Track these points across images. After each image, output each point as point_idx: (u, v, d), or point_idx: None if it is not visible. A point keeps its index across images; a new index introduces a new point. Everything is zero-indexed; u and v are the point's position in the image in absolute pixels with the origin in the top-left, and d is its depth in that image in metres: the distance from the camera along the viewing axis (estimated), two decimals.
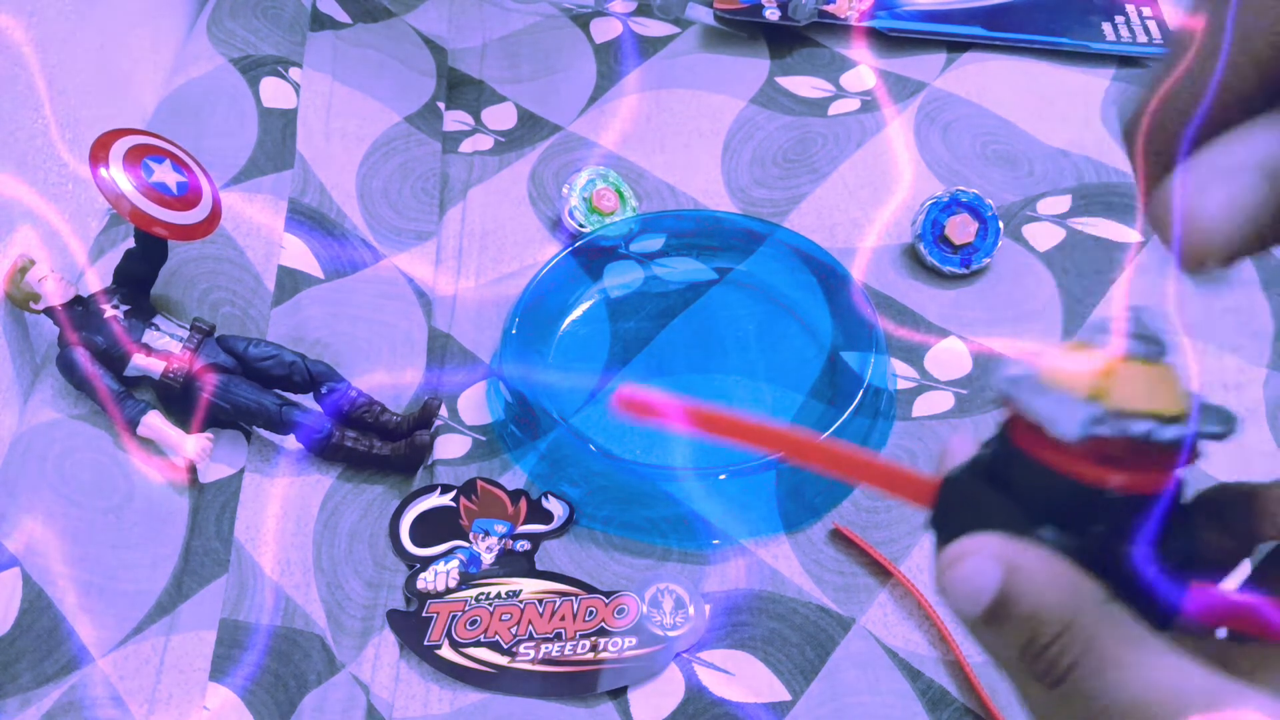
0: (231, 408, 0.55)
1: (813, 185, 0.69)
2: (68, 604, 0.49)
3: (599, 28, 0.81)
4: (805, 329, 0.62)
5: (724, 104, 0.74)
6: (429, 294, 0.64)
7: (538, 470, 0.57)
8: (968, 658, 0.50)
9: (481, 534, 0.55)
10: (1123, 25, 0.78)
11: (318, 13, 0.76)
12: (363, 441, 0.56)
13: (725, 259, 0.65)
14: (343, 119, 0.71)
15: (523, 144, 0.73)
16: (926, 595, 0.52)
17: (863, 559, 0.53)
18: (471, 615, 0.52)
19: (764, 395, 0.59)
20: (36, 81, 0.56)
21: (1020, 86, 0.74)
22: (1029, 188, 0.68)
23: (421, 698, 0.50)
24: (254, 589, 0.52)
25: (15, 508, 0.50)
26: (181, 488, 0.54)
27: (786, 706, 0.49)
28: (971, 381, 0.60)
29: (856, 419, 0.56)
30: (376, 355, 0.60)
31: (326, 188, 0.67)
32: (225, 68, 0.68)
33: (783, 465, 0.54)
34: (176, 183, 0.54)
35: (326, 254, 0.64)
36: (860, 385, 0.56)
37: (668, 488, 0.55)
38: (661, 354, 0.61)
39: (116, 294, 0.56)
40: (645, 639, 0.51)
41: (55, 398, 0.54)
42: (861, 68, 0.76)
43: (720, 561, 0.54)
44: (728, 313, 0.63)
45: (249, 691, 0.48)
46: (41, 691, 0.47)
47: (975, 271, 0.64)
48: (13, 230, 0.55)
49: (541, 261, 0.63)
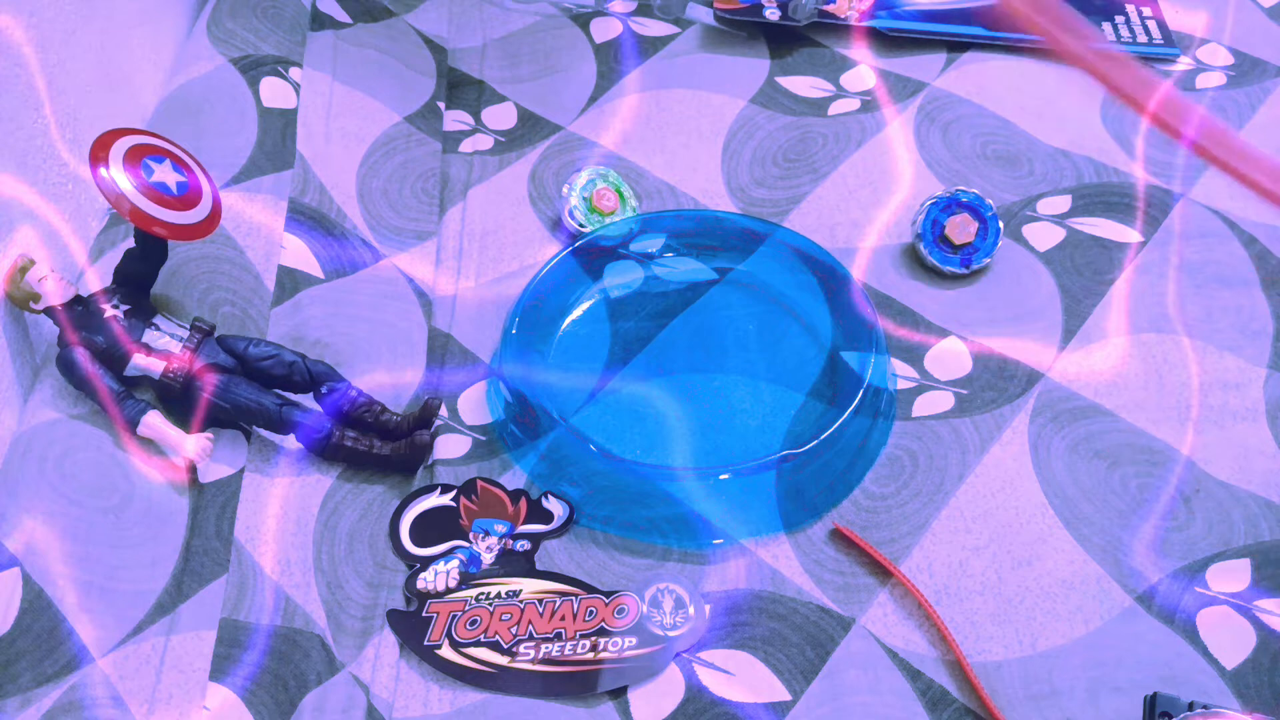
0: (231, 408, 0.55)
1: (813, 185, 0.69)
2: (68, 604, 0.49)
3: (599, 28, 0.81)
4: (805, 329, 0.62)
5: (724, 104, 0.74)
6: (429, 294, 0.64)
7: (537, 470, 0.57)
8: (968, 657, 0.50)
9: (481, 534, 0.55)
10: (1123, 25, 0.78)
11: (318, 12, 0.76)
12: (363, 441, 0.56)
13: (725, 259, 0.65)
14: (343, 119, 0.71)
15: (523, 144, 0.73)
16: (926, 595, 0.52)
17: (863, 559, 0.53)
18: (471, 615, 0.52)
19: (764, 395, 0.59)
20: (36, 81, 0.56)
21: (1020, 86, 0.74)
22: (1029, 188, 0.68)
23: (421, 698, 0.50)
24: (254, 589, 0.52)
25: (15, 508, 0.50)
26: (181, 488, 0.54)
27: (786, 706, 0.49)
28: (971, 381, 0.60)
29: (857, 419, 0.56)
30: (376, 355, 0.60)
31: (326, 188, 0.67)
32: (225, 68, 0.68)
33: (783, 465, 0.54)
34: (176, 183, 0.54)
35: (326, 254, 0.64)
36: (860, 385, 0.56)
37: (668, 488, 0.55)
38: (661, 354, 0.61)
39: (116, 294, 0.56)
40: (645, 639, 0.51)
41: (55, 398, 0.54)
42: (861, 68, 0.76)
43: (720, 561, 0.54)
44: (728, 313, 0.63)
45: (249, 691, 0.48)
46: (41, 691, 0.47)
47: (975, 271, 0.64)
48: (13, 230, 0.55)
49: (541, 261, 0.63)
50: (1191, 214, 0.66)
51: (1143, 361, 0.60)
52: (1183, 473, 0.55)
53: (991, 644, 0.50)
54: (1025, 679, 0.49)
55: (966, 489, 0.55)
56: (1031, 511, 0.54)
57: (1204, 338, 0.60)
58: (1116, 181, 0.68)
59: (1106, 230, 0.66)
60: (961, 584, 0.52)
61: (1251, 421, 0.57)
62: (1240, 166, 0.30)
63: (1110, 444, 0.57)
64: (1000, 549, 0.53)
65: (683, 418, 0.58)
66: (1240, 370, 0.59)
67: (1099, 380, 0.59)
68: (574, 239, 0.65)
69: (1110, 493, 0.55)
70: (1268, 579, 0.51)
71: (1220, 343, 0.60)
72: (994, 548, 0.53)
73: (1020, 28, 0.30)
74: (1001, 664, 0.50)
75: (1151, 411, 0.58)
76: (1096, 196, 0.67)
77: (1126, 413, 0.58)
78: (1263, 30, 0.78)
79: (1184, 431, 0.57)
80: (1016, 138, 0.71)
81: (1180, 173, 0.68)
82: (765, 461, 0.54)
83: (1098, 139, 0.70)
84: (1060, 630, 0.51)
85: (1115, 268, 0.64)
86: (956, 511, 0.55)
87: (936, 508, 0.55)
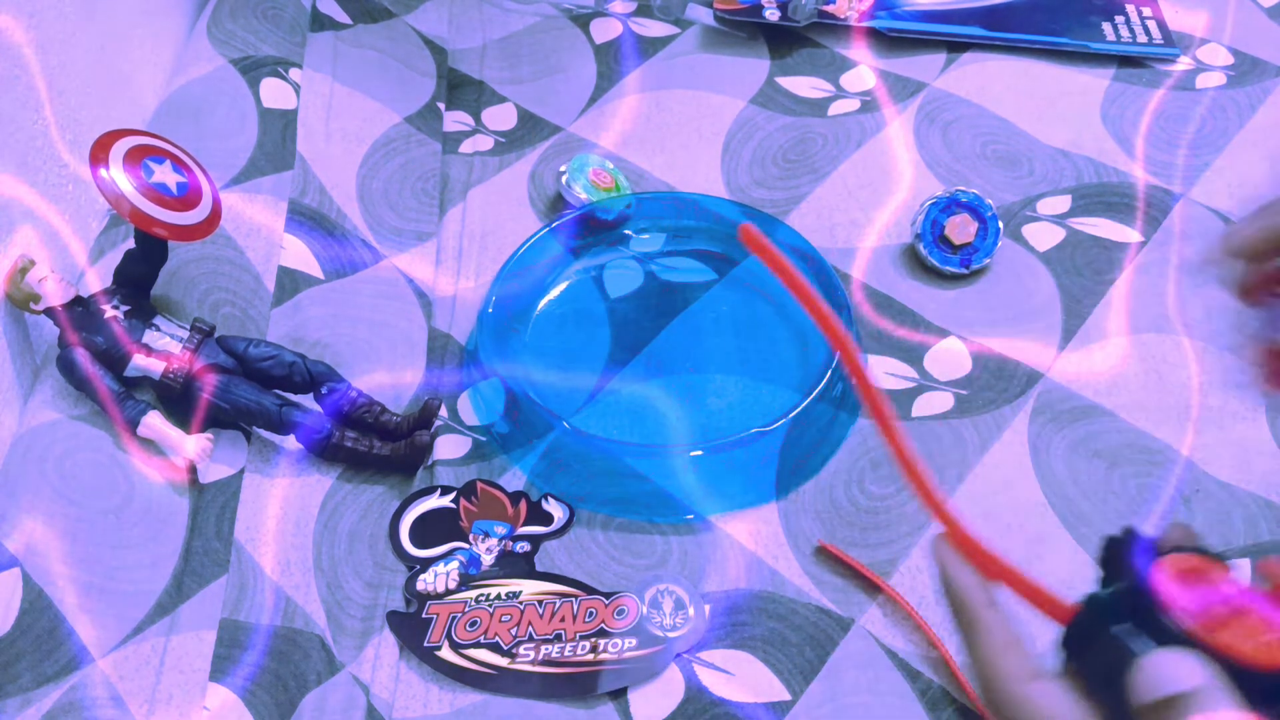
0: (231, 408, 0.55)
1: (813, 185, 0.69)
2: (68, 604, 0.49)
3: (599, 28, 0.81)
4: (805, 329, 0.62)
5: (724, 104, 0.74)
6: (429, 294, 0.64)
7: (500, 429, 0.58)
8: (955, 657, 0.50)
9: (481, 535, 0.55)
10: (1123, 25, 0.78)
11: (318, 13, 0.76)
12: (363, 442, 0.56)
13: (724, 261, 0.65)
14: (343, 119, 0.71)
15: (523, 144, 0.73)
16: (926, 596, 0.52)
17: (862, 558, 0.53)
18: (471, 616, 0.52)
19: (763, 395, 0.59)
20: (36, 82, 0.56)
21: (1020, 86, 0.74)
22: (1029, 188, 0.68)
23: (421, 698, 0.50)
24: (254, 589, 0.52)
25: (15, 508, 0.50)
26: (181, 488, 0.54)
27: (786, 706, 0.49)
28: (971, 381, 0.60)
29: (819, 405, 0.56)
30: (376, 355, 0.60)
31: (326, 188, 0.67)
32: (225, 68, 0.68)
33: (751, 445, 0.55)
34: (176, 183, 0.54)
35: (326, 254, 0.64)
36: (827, 371, 0.57)
37: (639, 464, 0.55)
38: (661, 353, 0.61)
39: (116, 294, 0.56)
40: (645, 640, 0.51)
41: (55, 398, 0.54)
42: (861, 68, 0.76)
43: (720, 561, 0.54)
44: (729, 312, 0.63)
45: (249, 691, 0.48)
46: (41, 691, 0.47)
47: (975, 271, 0.64)
48: (13, 230, 0.55)
49: (541, 261, 0.63)
50: (1191, 214, 0.66)
51: (1143, 361, 0.60)
52: (1182, 473, 0.55)
53: None
54: None
55: (966, 489, 0.55)
56: (1031, 511, 0.54)
57: (1204, 338, 0.60)
58: (1116, 181, 0.68)
59: (1106, 230, 0.66)
60: None
61: (1251, 421, 0.57)
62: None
63: (1110, 444, 0.56)
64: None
65: (680, 415, 0.58)
66: (1241, 370, 0.59)
67: (1099, 380, 0.59)
68: (553, 218, 0.65)
69: (1110, 493, 0.55)
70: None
71: (1220, 343, 0.60)
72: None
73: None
74: None
75: (1151, 411, 0.58)
76: (1096, 196, 0.67)
77: (1126, 413, 0.58)
78: (1263, 30, 0.78)
79: (1184, 431, 0.57)
80: (1016, 138, 0.71)
81: (1180, 173, 0.68)
82: (742, 438, 0.55)
83: (1098, 139, 0.70)
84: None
85: (1115, 268, 0.64)
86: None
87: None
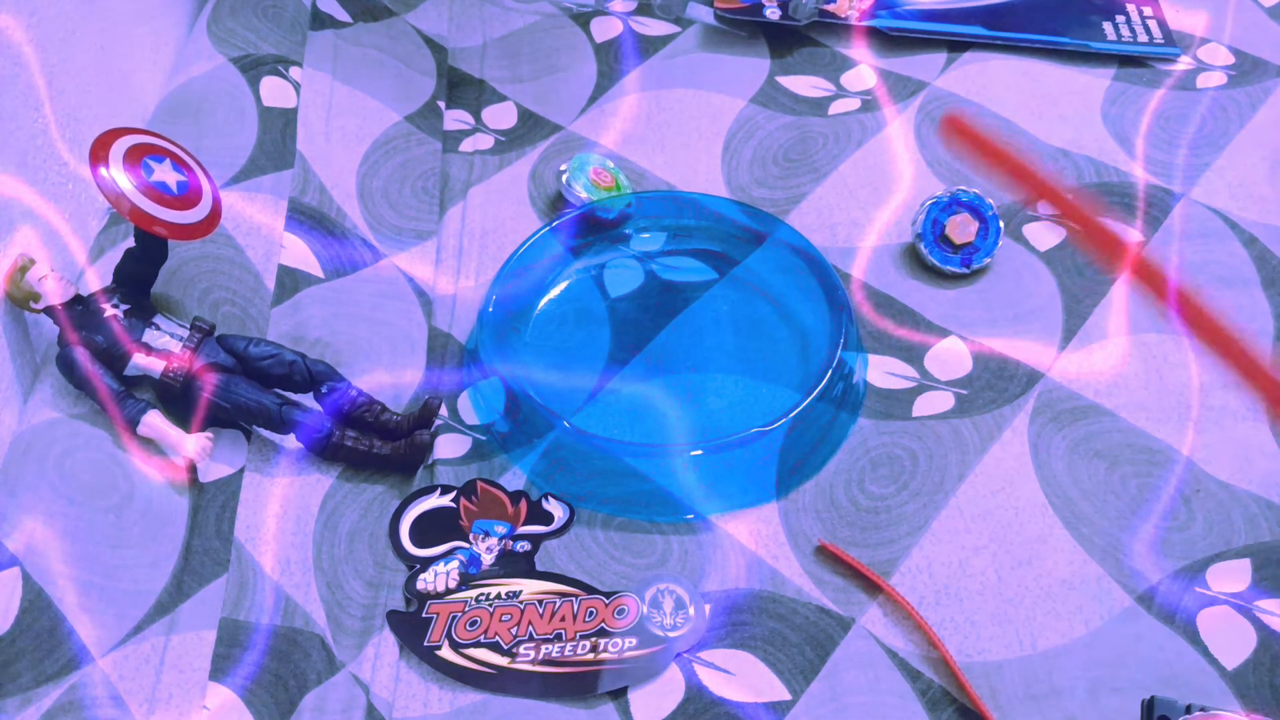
0: (231, 407, 0.55)
1: (813, 185, 0.69)
2: (68, 604, 0.49)
3: (599, 27, 0.81)
4: (806, 329, 0.62)
5: (724, 103, 0.74)
6: (429, 294, 0.64)
7: (499, 427, 0.58)
8: (968, 657, 0.50)
9: (481, 535, 0.55)
10: (1123, 25, 0.78)
11: (318, 12, 0.76)
12: (363, 441, 0.56)
13: (724, 261, 0.65)
14: (343, 118, 0.71)
15: (523, 143, 0.73)
16: (927, 595, 0.52)
17: (862, 558, 0.53)
18: (471, 616, 0.52)
19: (763, 394, 0.59)
20: (36, 81, 0.56)
21: (1020, 86, 0.74)
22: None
23: (421, 698, 0.50)
24: (254, 588, 0.52)
25: (15, 507, 0.50)
26: (181, 487, 0.54)
27: (786, 706, 0.49)
28: (971, 381, 0.60)
29: (820, 404, 0.56)
30: (376, 355, 0.60)
31: (326, 187, 0.67)
32: (225, 67, 0.68)
33: (752, 444, 0.55)
34: (176, 182, 0.54)
35: (326, 253, 0.64)
36: (828, 371, 0.57)
37: (639, 464, 0.55)
38: (661, 353, 0.61)
39: (116, 293, 0.56)
40: (645, 639, 0.51)
41: (55, 397, 0.54)
42: (862, 67, 0.76)
43: (720, 560, 0.54)
44: (729, 312, 0.63)
45: (249, 691, 0.48)
46: (41, 691, 0.47)
47: (975, 271, 0.64)
48: (13, 230, 0.54)
49: (541, 260, 0.63)
50: (1192, 214, 0.66)
51: (1143, 361, 0.60)
52: (1183, 473, 0.55)
53: (992, 644, 0.50)
54: (1025, 679, 0.49)
55: (966, 489, 0.55)
56: (1031, 511, 0.54)
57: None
58: (1116, 181, 0.68)
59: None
60: (961, 584, 0.52)
61: (1251, 421, 0.57)
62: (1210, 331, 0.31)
63: (1110, 444, 0.57)
64: (1000, 549, 0.53)
65: (680, 415, 0.58)
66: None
67: (1099, 380, 0.59)
68: (553, 217, 0.65)
69: (1110, 493, 0.55)
70: (1268, 579, 0.51)
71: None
72: (994, 548, 0.53)
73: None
74: (1002, 664, 0.50)
75: (1152, 411, 0.58)
76: (1096, 196, 0.67)
77: (1127, 413, 0.58)
78: (1263, 30, 0.78)
79: (1184, 431, 0.57)
80: (1016, 137, 0.71)
81: (1180, 173, 0.68)
82: (740, 438, 0.55)
83: (1098, 139, 0.70)
84: (1060, 630, 0.51)
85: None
86: (956, 511, 0.55)
87: (936, 508, 0.55)
